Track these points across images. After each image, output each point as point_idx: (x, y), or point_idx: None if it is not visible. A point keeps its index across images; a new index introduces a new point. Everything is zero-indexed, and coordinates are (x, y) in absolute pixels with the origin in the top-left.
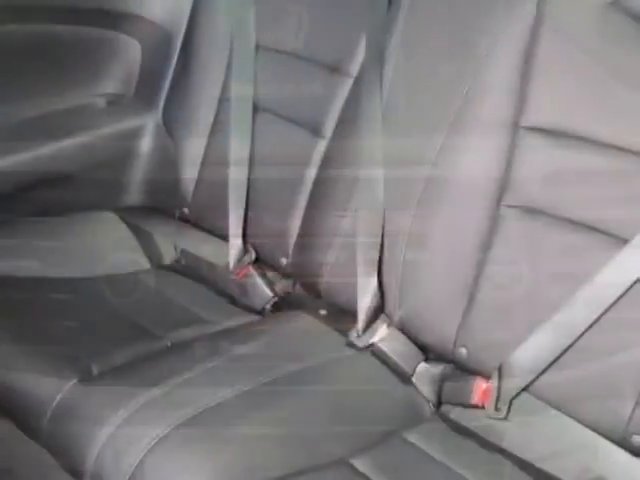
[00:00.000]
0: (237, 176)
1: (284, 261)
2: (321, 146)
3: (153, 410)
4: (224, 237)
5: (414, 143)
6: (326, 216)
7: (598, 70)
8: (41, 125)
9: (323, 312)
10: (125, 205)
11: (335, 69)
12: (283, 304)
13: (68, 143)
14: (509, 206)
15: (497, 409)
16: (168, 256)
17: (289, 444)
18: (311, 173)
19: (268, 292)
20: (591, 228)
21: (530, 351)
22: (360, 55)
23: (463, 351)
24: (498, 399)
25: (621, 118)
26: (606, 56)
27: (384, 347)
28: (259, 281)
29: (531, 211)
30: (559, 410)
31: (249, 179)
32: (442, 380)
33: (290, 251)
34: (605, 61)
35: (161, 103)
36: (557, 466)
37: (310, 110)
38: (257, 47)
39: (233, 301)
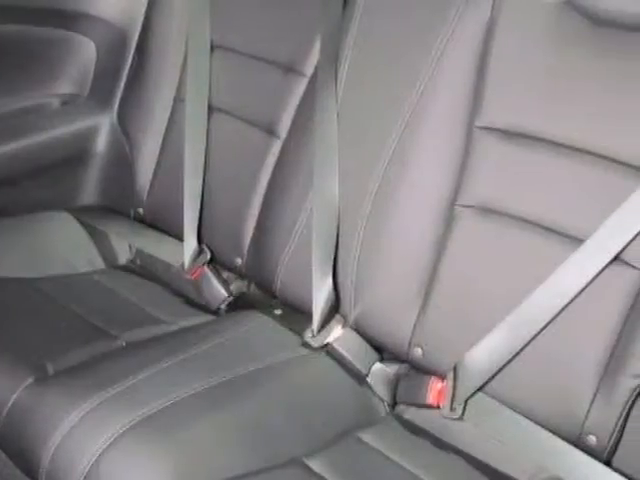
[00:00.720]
0: (192, 176)
1: (239, 261)
2: (276, 146)
3: (108, 410)
4: (179, 237)
5: (369, 142)
6: (281, 216)
7: (552, 70)
8: None
9: (278, 312)
10: (80, 205)
11: (290, 69)
12: (238, 304)
13: (23, 143)
14: (463, 206)
15: (452, 409)
16: (123, 256)
17: (244, 444)
18: (266, 173)
19: (223, 292)
20: (546, 228)
21: (485, 351)
22: (315, 55)
23: (418, 351)
24: (453, 399)
25: (575, 118)
26: (560, 56)
27: (339, 347)
28: (214, 281)
29: (486, 211)
30: (514, 410)
31: (204, 179)
32: (397, 380)
33: (245, 251)
34: (559, 61)
35: (116, 103)
36: (512, 466)
37: (265, 110)
38: (212, 47)
39: (188, 301)
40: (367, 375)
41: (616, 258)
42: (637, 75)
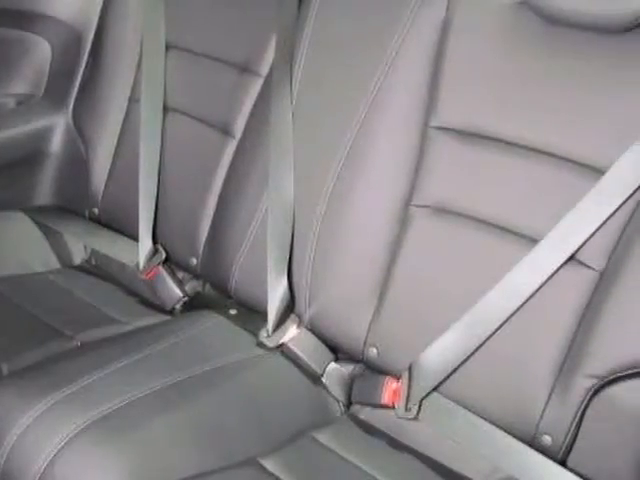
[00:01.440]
0: (147, 176)
1: (194, 261)
2: (231, 146)
3: (63, 410)
4: (134, 237)
5: (324, 142)
6: (236, 216)
7: (506, 70)
8: None
9: (233, 312)
10: (35, 205)
11: (245, 69)
12: (193, 304)
13: None
14: (418, 206)
15: (407, 409)
16: (78, 256)
17: (199, 444)
18: (221, 173)
19: (178, 292)
20: (501, 228)
21: (440, 351)
22: (270, 55)
23: (373, 351)
24: (408, 399)
25: (529, 118)
26: (515, 56)
27: (294, 347)
28: (169, 281)
29: (441, 211)
30: (469, 410)
31: (159, 179)
32: (352, 380)
33: (200, 251)
34: (513, 61)
35: (71, 103)
36: (467, 466)
37: (220, 110)
38: (167, 47)
39: (143, 301)
40: (322, 375)
41: (571, 258)
42: (590, 74)
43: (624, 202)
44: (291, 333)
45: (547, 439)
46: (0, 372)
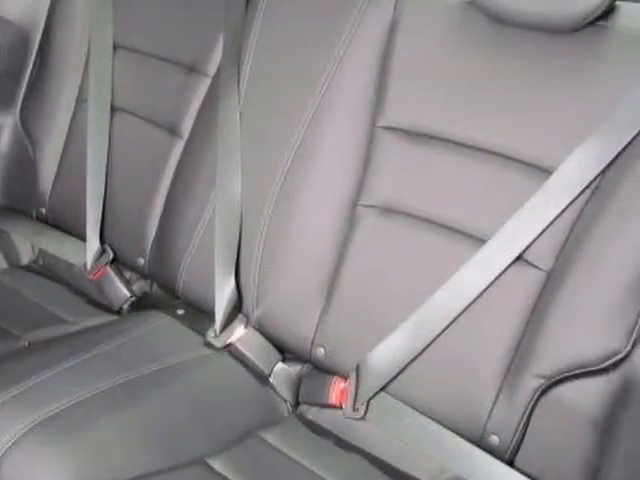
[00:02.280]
0: (95, 176)
1: (142, 261)
2: (179, 146)
3: (10, 410)
4: (82, 237)
5: (272, 142)
6: (184, 216)
7: (454, 70)
8: None
9: (181, 312)
10: None
11: (193, 69)
12: (141, 304)
13: None
14: (366, 206)
15: (355, 409)
16: (26, 256)
17: (147, 444)
18: (169, 173)
19: (125, 292)
20: (449, 228)
21: (388, 351)
22: (218, 55)
23: (321, 351)
24: (356, 399)
25: (476, 118)
26: (462, 56)
27: (241, 347)
28: (116, 281)
29: (388, 211)
30: (417, 410)
31: (107, 179)
32: (300, 380)
33: (148, 251)
34: (461, 61)
35: (18, 103)
36: (414, 466)
37: (168, 110)
38: (115, 47)
39: (91, 301)
40: (270, 375)
41: (518, 258)
42: (538, 75)
43: (571, 202)
44: (239, 333)
45: (495, 439)
46: None
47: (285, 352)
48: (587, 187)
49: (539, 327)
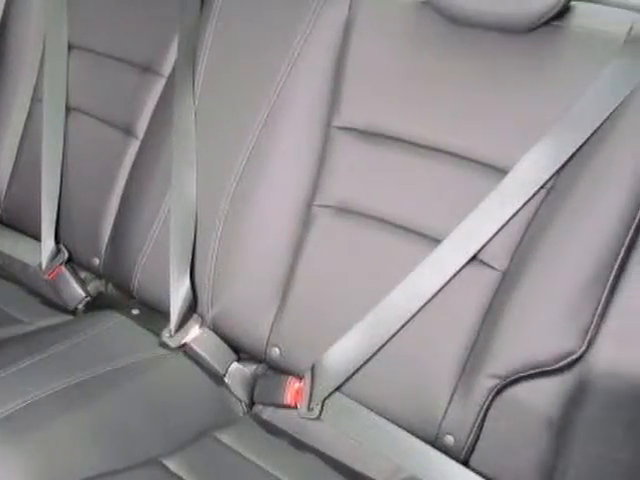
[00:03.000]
0: (49, 176)
1: (96, 261)
2: (134, 146)
3: None
4: (36, 237)
5: (226, 143)
6: (138, 216)
7: (409, 70)
8: None
9: (135, 312)
10: None
11: (147, 69)
12: (96, 304)
13: None
14: (321, 206)
15: (310, 409)
16: None
17: (101, 444)
18: (124, 173)
19: (80, 292)
20: (404, 229)
21: (343, 351)
22: (172, 55)
23: (276, 351)
24: (311, 399)
25: (431, 118)
26: (418, 56)
27: (196, 347)
28: (71, 281)
29: (343, 211)
30: (372, 410)
31: (62, 179)
32: (255, 380)
33: (103, 251)
34: (417, 61)
35: None
36: (370, 466)
37: (122, 110)
38: (70, 47)
39: (45, 301)
40: (225, 375)
41: (473, 258)
42: (494, 75)
43: (526, 202)
44: (193, 333)
45: (450, 439)
46: None
47: (240, 352)
48: (542, 187)
49: (494, 327)
